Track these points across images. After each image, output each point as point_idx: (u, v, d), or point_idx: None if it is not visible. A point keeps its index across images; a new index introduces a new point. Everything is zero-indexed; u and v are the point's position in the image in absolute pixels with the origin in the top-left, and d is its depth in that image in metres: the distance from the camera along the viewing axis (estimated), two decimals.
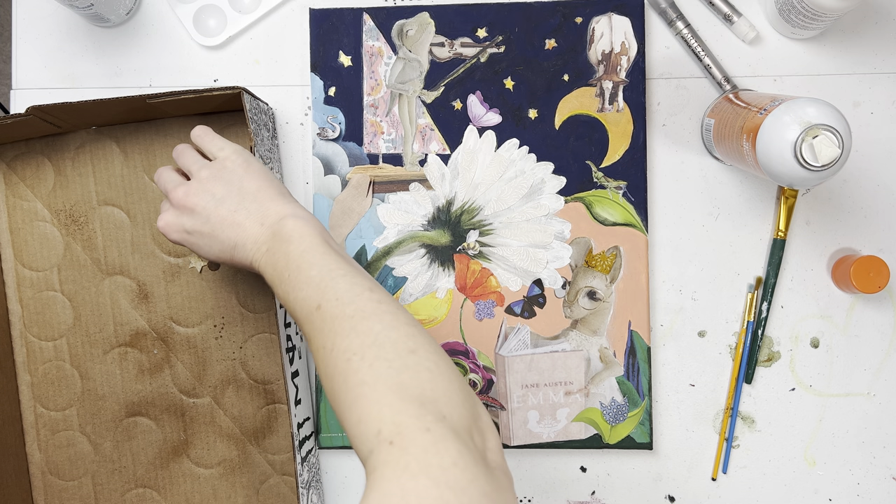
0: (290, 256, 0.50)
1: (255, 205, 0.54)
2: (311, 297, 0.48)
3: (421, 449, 0.39)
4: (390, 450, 0.39)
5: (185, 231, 0.56)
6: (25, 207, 0.70)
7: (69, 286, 0.70)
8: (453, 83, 0.68)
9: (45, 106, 0.61)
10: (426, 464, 0.38)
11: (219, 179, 0.55)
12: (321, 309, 0.47)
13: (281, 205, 0.54)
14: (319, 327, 0.47)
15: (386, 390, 0.42)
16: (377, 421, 0.41)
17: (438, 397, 0.42)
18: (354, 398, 0.43)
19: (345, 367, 0.44)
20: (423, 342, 0.45)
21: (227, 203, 0.54)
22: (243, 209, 0.54)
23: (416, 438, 0.39)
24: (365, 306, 0.47)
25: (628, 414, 0.68)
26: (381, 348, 0.44)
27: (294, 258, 0.50)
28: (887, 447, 0.68)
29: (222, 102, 0.64)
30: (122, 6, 0.68)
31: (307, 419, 0.67)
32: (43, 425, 0.70)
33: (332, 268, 0.49)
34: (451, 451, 0.39)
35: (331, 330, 0.46)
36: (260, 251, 0.53)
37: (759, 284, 0.68)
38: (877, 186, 0.68)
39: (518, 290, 0.68)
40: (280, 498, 0.69)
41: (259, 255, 0.53)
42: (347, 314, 0.46)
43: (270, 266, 0.52)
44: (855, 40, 0.68)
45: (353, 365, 0.44)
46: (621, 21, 0.68)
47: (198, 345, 0.69)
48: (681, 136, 0.69)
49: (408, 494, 0.37)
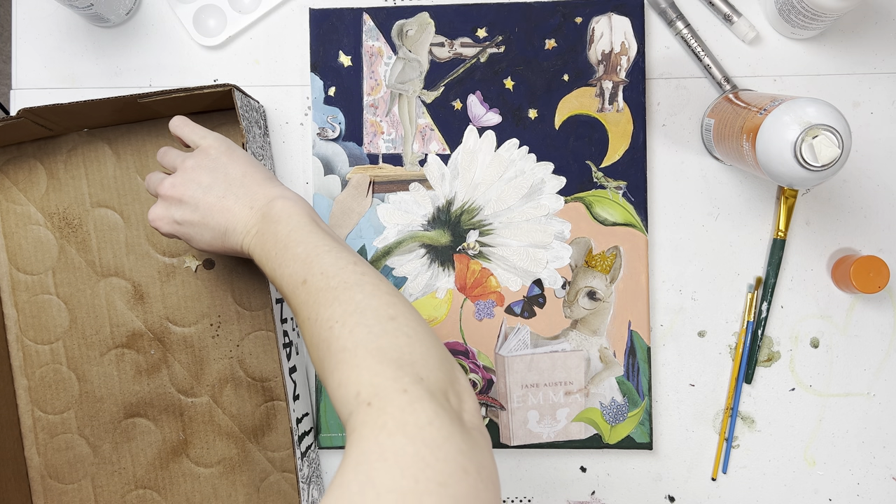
0: (278, 236, 0.51)
1: (243, 189, 0.55)
2: (297, 272, 0.49)
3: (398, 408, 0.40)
4: (368, 410, 0.40)
5: (175, 222, 0.56)
6: (18, 211, 0.70)
7: (64, 289, 0.70)
8: (453, 83, 0.68)
9: (36, 108, 0.61)
10: (402, 422, 0.39)
11: (203, 168, 0.56)
12: (307, 283, 0.48)
13: (268, 188, 0.55)
14: (305, 300, 0.48)
15: (365, 354, 0.43)
16: (356, 384, 0.42)
17: (416, 360, 0.43)
18: (336, 363, 0.44)
19: (328, 335, 0.45)
20: (402, 310, 0.46)
21: (215, 190, 0.55)
22: (231, 194, 0.55)
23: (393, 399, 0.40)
24: (348, 278, 0.48)
25: (628, 414, 0.68)
26: (361, 315, 0.45)
27: (282, 237, 0.51)
28: (887, 447, 0.68)
29: (213, 101, 0.64)
30: (122, 6, 0.68)
31: (306, 415, 0.66)
32: (41, 429, 0.70)
33: (317, 244, 0.50)
34: (428, 411, 0.40)
35: (315, 301, 0.47)
36: (250, 234, 0.53)
37: (759, 284, 0.68)
38: (877, 186, 0.68)
39: (518, 290, 0.68)
40: (281, 495, 0.69)
41: (249, 238, 0.53)
42: (331, 286, 0.47)
43: (259, 247, 0.52)
44: (855, 40, 0.68)
45: (335, 332, 0.45)
46: (621, 21, 0.68)
47: (195, 344, 0.69)
48: (681, 136, 0.69)
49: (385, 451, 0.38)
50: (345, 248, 0.51)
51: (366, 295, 0.47)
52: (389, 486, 0.37)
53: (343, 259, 0.49)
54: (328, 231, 0.53)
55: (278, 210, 0.53)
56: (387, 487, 0.37)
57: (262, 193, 0.55)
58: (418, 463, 0.38)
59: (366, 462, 0.38)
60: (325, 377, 0.45)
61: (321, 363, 0.46)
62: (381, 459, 0.38)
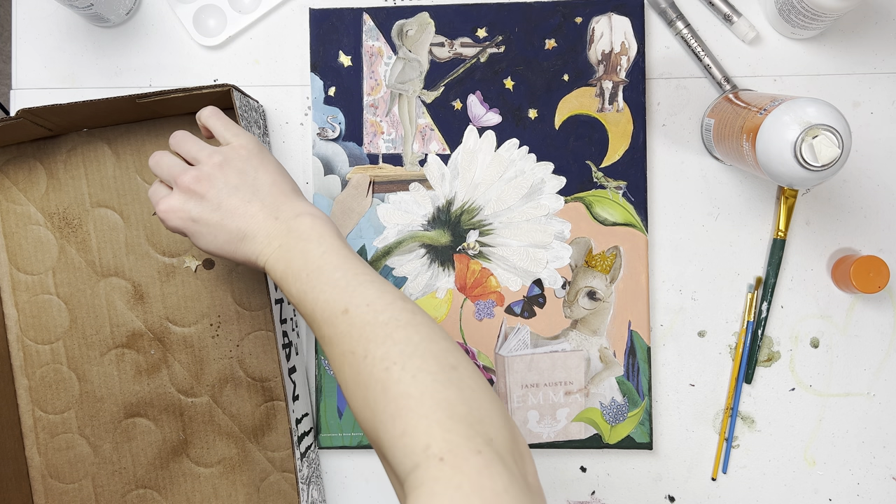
0: (309, 256, 0.49)
1: (271, 198, 0.52)
2: (336, 299, 0.47)
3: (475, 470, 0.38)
4: (441, 466, 0.39)
5: (190, 218, 0.53)
6: (18, 211, 0.70)
7: (64, 289, 0.70)
8: (453, 83, 0.68)
9: (35, 108, 0.61)
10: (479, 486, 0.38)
11: (233, 168, 0.53)
12: (349, 313, 0.46)
13: (296, 202, 0.53)
14: (346, 332, 0.46)
15: (434, 405, 0.41)
16: (425, 436, 0.40)
17: (484, 418, 0.42)
18: (396, 409, 0.42)
19: (383, 377, 0.43)
20: (461, 358, 0.44)
21: (242, 192, 0.52)
22: (258, 200, 0.52)
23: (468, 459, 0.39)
24: (400, 315, 0.45)
25: (628, 414, 0.68)
26: (423, 360, 0.43)
27: (314, 258, 0.49)
28: (887, 447, 0.68)
29: (213, 101, 0.64)
30: (122, 6, 0.68)
31: (305, 415, 0.67)
32: (42, 429, 0.70)
33: (357, 272, 0.48)
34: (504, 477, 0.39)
35: (361, 336, 0.45)
36: (271, 246, 0.51)
37: (759, 284, 0.68)
38: (877, 186, 0.68)
39: (518, 290, 0.68)
40: (281, 495, 0.69)
41: (269, 249, 0.51)
42: (381, 321, 0.45)
43: (283, 262, 0.50)
44: (855, 40, 0.68)
45: (393, 375, 0.43)
46: (621, 21, 0.68)
47: (194, 344, 0.69)
48: (681, 136, 0.69)
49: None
50: (384, 279, 0.49)
51: (423, 338, 0.44)
52: None
53: (389, 293, 0.47)
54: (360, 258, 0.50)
55: (307, 228, 0.50)
56: None
57: (289, 206, 0.52)
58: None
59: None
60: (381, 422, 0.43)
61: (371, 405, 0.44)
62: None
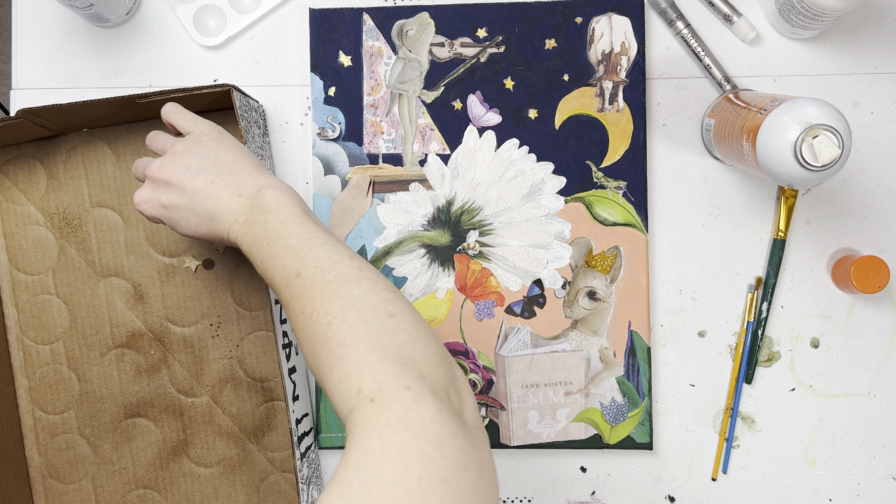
0: (269, 226, 0.51)
1: (232, 177, 0.55)
2: (290, 264, 0.49)
3: (401, 405, 0.40)
4: (371, 406, 0.40)
5: (161, 205, 0.56)
6: (18, 211, 0.70)
7: (64, 289, 0.70)
8: (453, 83, 0.68)
9: (35, 108, 0.61)
10: (406, 419, 0.39)
11: (193, 152, 0.56)
12: (301, 276, 0.48)
13: (258, 176, 0.55)
14: (298, 294, 0.48)
15: (366, 350, 0.43)
16: (357, 380, 0.42)
17: (417, 358, 0.43)
18: (335, 359, 0.44)
19: (325, 330, 0.45)
20: (401, 306, 0.46)
21: (203, 174, 0.55)
22: (220, 180, 0.54)
23: (396, 395, 0.40)
24: (345, 272, 0.47)
25: (628, 414, 0.68)
26: (361, 311, 0.45)
27: (273, 227, 0.51)
28: (887, 447, 0.68)
29: (212, 101, 0.64)
30: (121, 6, 0.68)
31: (305, 415, 0.67)
32: (42, 429, 0.70)
33: (311, 236, 0.50)
34: (431, 408, 0.40)
35: (310, 295, 0.47)
36: (237, 222, 0.53)
37: (759, 284, 0.68)
38: (877, 186, 0.68)
39: (518, 290, 0.68)
40: (281, 495, 0.69)
41: (237, 226, 0.53)
42: (327, 280, 0.47)
43: (248, 236, 0.52)
44: (855, 40, 0.68)
45: (333, 327, 0.45)
46: (621, 21, 0.68)
47: (194, 344, 0.69)
48: (681, 136, 0.69)
49: (389, 448, 0.38)
50: (338, 241, 0.51)
51: (364, 290, 0.46)
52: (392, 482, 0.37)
53: (338, 253, 0.49)
54: (320, 223, 0.52)
55: (268, 199, 0.52)
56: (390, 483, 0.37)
57: (251, 182, 0.54)
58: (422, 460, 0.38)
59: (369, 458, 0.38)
60: (323, 372, 0.45)
61: (317, 358, 0.46)
62: (384, 455, 0.38)
